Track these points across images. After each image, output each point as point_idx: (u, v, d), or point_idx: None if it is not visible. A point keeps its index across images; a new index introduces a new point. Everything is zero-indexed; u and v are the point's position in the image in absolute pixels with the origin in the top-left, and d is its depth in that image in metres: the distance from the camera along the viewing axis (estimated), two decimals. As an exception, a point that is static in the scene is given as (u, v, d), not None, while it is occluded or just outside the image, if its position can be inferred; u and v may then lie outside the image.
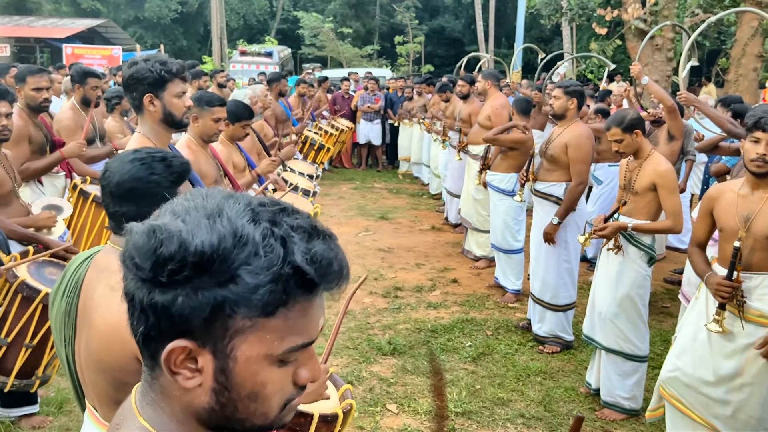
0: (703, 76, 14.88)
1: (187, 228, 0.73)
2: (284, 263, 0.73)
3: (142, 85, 2.47)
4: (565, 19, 16.09)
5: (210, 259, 0.72)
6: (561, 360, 4.57)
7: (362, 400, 3.90)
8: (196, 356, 0.75)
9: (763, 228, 2.74)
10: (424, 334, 4.89)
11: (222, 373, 0.76)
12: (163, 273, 0.72)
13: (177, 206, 0.77)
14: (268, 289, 0.73)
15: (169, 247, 0.72)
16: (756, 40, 9.95)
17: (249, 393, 0.77)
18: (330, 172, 11.70)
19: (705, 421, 3.00)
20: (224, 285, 0.72)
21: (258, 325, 0.74)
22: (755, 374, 2.82)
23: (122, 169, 1.59)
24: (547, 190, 4.70)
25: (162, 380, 0.79)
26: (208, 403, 0.77)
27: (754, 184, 2.83)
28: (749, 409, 2.88)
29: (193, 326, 0.73)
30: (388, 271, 6.37)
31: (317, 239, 0.76)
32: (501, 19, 27.96)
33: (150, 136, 2.54)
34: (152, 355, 0.78)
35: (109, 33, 24.14)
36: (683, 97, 4.73)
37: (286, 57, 21.54)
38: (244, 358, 0.75)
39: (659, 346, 4.71)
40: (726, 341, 2.88)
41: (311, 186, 5.27)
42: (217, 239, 0.72)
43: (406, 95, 11.29)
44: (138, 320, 0.76)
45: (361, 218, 8.55)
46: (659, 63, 10.63)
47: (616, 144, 3.70)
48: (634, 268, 3.68)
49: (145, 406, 0.81)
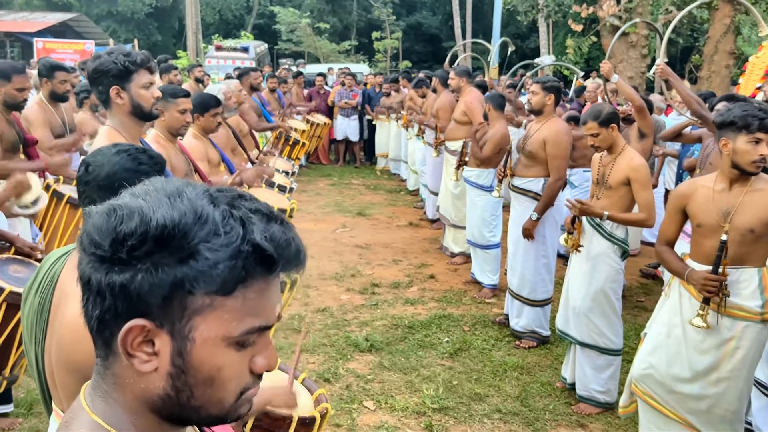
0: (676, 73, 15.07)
1: (148, 205, 0.73)
2: (243, 241, 0.74)
3: (108, 78, 2.43)
4: (541, 16, 16.18)
5: (171, 233, 0.72)
6: (537, 355, 4.59)
7: (339, 397, 3.88)
8: (153, 338, 0.74)
9: (745, 222, 2.77)
10: (402, 331, 4.88)
11: (179, 356, 0.75)
12: (123, 249, 0.72)
13: (136, 189, 0.78)
14: (227, 265, 0.73)
15: (129, 223, 0.72)
16: (728, 37, 10.09)
17: (205, 377, 0.76)
18: (307, 168, 11.64)
19: (679, 417, 3.02)
20: (184, 261, 0.72)
21: (217, 303, 0.74)
22: (732, 368, 2.85)
23: (110, 161, 1.61)
24: (525, 185, 4.72)
25: (115, 368, 0.77)
26: (163, 389, 0.76)
27: (733, 180, 2.84)
28: (726, 404, 2.90)
29: (152, 306, 0.73)
30: (365, 268, 6.35)
31: (275, 223, 0.77)
32: (478, 15, 28.04)
33: (120, 129, 2.49)
34: (106, 341, 0.76)
35: (82, 27, 23.74)
36: (660, 68, 4.73)
37: (263, 52, 21.36)
38: (202, 339, 0.75)
39: (634, 340, 4.75)
40: (702, 336, 2.90)
41: (287, 182, 5.23)
42: (178, 215, 0.73)
43: (384, 91, 11.26)
44: (93, 304, 0.75)
45: (338, 215, 8.51)
46: (634, 60, 10.73)
47: (592, 138, 3.72)
48: (607, 262, 3.71)
49: (96, 399, 0.79)
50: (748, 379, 2.92)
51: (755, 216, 2.75)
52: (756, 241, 2.79)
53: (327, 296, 5.59)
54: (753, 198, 2.77)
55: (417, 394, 3.96)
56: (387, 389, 4.01)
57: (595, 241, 3.76)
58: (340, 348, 4.54)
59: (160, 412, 0.79)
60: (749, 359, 2.85)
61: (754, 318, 2.81)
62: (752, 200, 2.77)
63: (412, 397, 3.93)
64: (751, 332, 2.82)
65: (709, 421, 2.96)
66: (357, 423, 3.64)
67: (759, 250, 2.80)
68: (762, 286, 2.81)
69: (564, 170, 4.61)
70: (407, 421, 3.68)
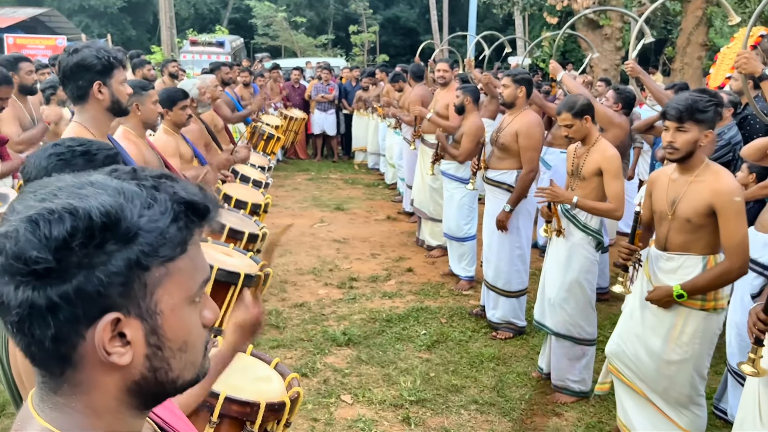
0: (650, 65, 15.25)
1: (70, 202, 0.70)
2: (173, 202, 0.75)
3: (90, 73, 2.38)
4: (517, 9, 16.26)
5: (113, 219, 0.70)
6: (514, 346, 4.63)
7: (316, 392, 3.88)
8: (122, 329, 0.73)
9: (684, 211, 2.86)
10: (379, 324, 4.89)
11: (153, 334, 0.75)
12: (72, 253, 0.68)
13: (37, 194, 0.73)
14: (173, 229, 0.74)
15: (64, 225, 0.68)
16: (700, 29, 10.22)
17: (180, 344, 0.78)
18: (284, 163, 11.58)
19: (645, 395, 3.13)
20: (132, 240, 0.71)
21: (171, 269, 0.75)
22: (681, 352, 2.95)
23: (39, 164, 1.53)
24: (499, 177, 4.74)
25: (75, 379, 0.74)
26: (140, 373, 0.76)
27: (680, 169, 2.94)
28: (679, 386, 3.02)
29: (113, 297, 0.71)
30: (343, 262, 6.34)
31: (177, 181, 0.79)
32: (455, 9, 28.09)
33: (89, 126, 2.45)
34: (63, 357, 0.73)
35: (53, 22, 23.31)
36: (630, 66, 4.78)
37: (239, 47, 21.18)
38: (170, 309, 0.76)
39: (608, 330, 4.80)
40: (657, 319, 3.01)
41: (263, 177, 5.19)
42: (108, 200, 0.71)
43: (362, 85, 11.23)
44: (41, 326, 0.70)
45: (316, 209, 8.49)
46: (608, 52, 10.83)
47: (566, 129, 3.75)
48: (582, 253, 3.75)
49: (47, 409, 0.76)
50: (698, 366, 2.98)
51: (691, 206, 2.83)
52: (696, 230, 2.86)
53: (305, 291, 5.57)
54: (695, 188, 2.85)
55: (394, 386, 3.97)
56: (364, 383, 4.02)
57: (570, 232, 3.79)
58: (318, 342, 4.53)
59: (137, 397, 0.78)
60: (696, 345, 2.92)
61: (694, 305, 2.89)
62: (694, 190, 2.85)
63: (390, 389, 3.94)
64: (694, 319, 2.90)
65: (669, 402, 3.07)
66: (335, 417, 3.64)
67: (702, 239, 2.87)
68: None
69: (536, 162, 4.64)
70: (385, 414, 3.69)
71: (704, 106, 2.76)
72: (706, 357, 3.00)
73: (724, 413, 3.66)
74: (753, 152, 3.82)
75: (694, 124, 2.78)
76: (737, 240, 2.76)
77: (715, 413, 3.72)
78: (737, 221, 2.75)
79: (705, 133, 2.79)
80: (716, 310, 2.89)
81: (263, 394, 2.03)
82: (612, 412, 3.75)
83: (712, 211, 2.79)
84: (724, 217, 2.76)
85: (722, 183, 2.77)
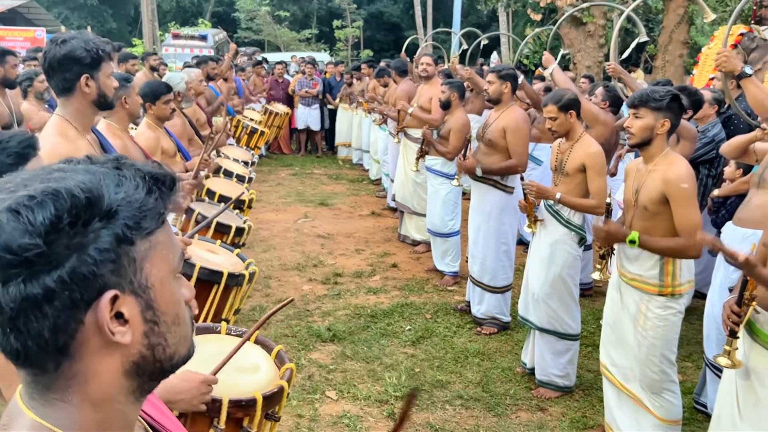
0: (631, 63, 15.35)
1: (48, 185, 0.69)
2: (143, 178, 0.75)
3: (79, 65, 2.33)
4: (501, 5, 16.29)
5: (96, 194, 0.70)
6: (498, 341, 4.65)
7: (301, 387, 3.86)
8: (120, 308, 0.73)
9: (642, 199, 2.98)
10: (364, 320, 4.88)
11: (149, 309, 0.75)
12: (62, 234, 0.68)
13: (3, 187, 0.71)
14: (150, 201, 0.75)
15: (47, 209, 0.67)
16: (682, 27, 10.30)
17: (173, 317, 0.79)
18: (268, 158, 11.51)
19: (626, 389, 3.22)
20: (114, 216, 0.71)
21: (154, 242, 0.76)
22: (646, 336, 3.06)
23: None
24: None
25: (72, 371, 0.73)
26: (139, 352, 0.76)
27: (644, 158, 3.06)
28: (650, 372, 3.11)
29: (105, 276, 0.71)
30: (327, 258, 6.32)
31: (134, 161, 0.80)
32: (439, 5, 28.04)
33: (72, 119, 2.40)
34: (62, 348, 0.71)
35: (32, 14, 22.94)
36: (611, 67, 4.81)
37: (222, 41, 21.00)
38: (159, 282, 0.76)
39: (592, 325, 4.86)
40: (627, 309, 3.15)
41: (246, 172, 5.16)
42: (85, 178, 0.71)
43: (345, 81, 11.19)
44: (38, 321, 0.68)
45: (300, 205, 8.45)
46: (591, 49, 10.89)
47: (551, 121, 3.76)
48: (565, 248, 3.77)
49: (38, 407, 0.74)
50: (665, 351, 3.08)
51: (648, 194, 2.95)
52: (653, 218, 2.96)
53: (289, 287, 5.55)
54: (652, 176, 2.96)
55: (379, 382, 3.97)
56: (349, 378, 4.01)
57: (552, 227, 3.81)
58: (302, 338, 4.52)
59: (134, 380, 0.78)
60: (660, 330, 3.03)
61: (652, 291, 3.01)
62: (651, 178, 2.96)
63: (375, 385, 3.93)
64: (654, 305, 3.02)
65: (644, 389, 3.15)
66: (319, 413, 3.63)
67: (657, 226, 2.96)
68: (663, 260, 2.98)
69: (526, 157, 4.66)
70: (370, 410, 3.68)
71: (660, 95, 2.90)
72: (672, 342, 3.09)
73: (705, 407, 3.71)
74: (732, 150, 3.89)
75: (649, 111, 2.92)
76: (688, 226, 2.86)
77: (696, 407, 3.77)
78: (686, 208, 2.86)
79: (661, 121, 2.91)
80: (674, 296, 3.00)
81: (235, 388, 1.91)
82: (596, 407, 3.78)
83: (666, 199, 2.90)
84: (674, 204, 2.88)
85: (672, 171, 2.88)
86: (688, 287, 3.06)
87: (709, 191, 4.49)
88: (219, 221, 3.72)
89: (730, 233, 3.55)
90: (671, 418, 3.14)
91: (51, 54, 2.33)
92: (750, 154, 3.79)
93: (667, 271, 2.99)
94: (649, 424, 3.16)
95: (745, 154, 3.83)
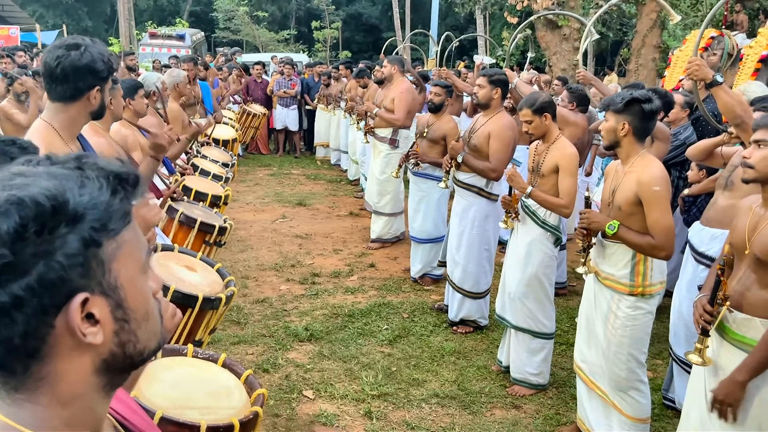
0: (606, 66, 15.57)
1: (11, 193, 0.69)
2: (104, 177, 0.75)
3: (94, 77, 2.29)
4: (478, 8, 16.41)
5: (61, 200, 0.70)
6: (474, 340, 4.70)
7: (278, 387, 3.87)
8: (90, 309, 0.73)
9: (617, 200, 3.04)
10: (341, 319, 4.90)
11: (119, 308, 0.76)
12: (26, 244, 0.68)
13: None
14: (115, 202, 0.75)
15: (12, 217, 0.67)
16: (655, 31, 10.50)
17: (143, 314, 0.79)
18: (245, 158, 11.47)
19: (597, 387, 3.27)
20: (80, 219, 0.71)
21: (120, 243, 0.76)
22: (615, 334, 3.11)
23: None
24: (469, 180, 4.66)
25: (42, 372, 0.73)
26: (109, 351, 0.76)
27: (621, 160, 3.12)
28: (617, 370, 3.15)
29: (74, 280, 0.71)
30: (305, 258, 6.33)
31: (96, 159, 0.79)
32: (417, 6, 28.18)
33: (60, 127, 2.34)
34: (32, 352, 0.72)
35: (6, 12, 22.56)
36: (581, 75, 4.89)
37: (199, 40, 20.85)
38: (128, 281, 0.77)
39: (566, 323, 4.93)
40: (598, 307, 3.21)
41: (222, 172, 5.16)
42: (48, 184, 0.71)
43: (323, 81, 11.20)
44: (6, 328, 0.69)
45: (277, 205, 8.44)
46: (566, 52, 11.04)
47: (526, 125, 3.80)
48: (540, 248, 3.82)
49: (5, 407, 0.75)
50: (634, 351, 3.12)
51: (623, 195, 3.01)
52: (626, 219, 3.02)
53: (266, 287, 5.55)
54: (628, 178, 3.02)
55: (356, 381, 3.99)
56: (326, 378, 4.03)
57: (529, 228, 3.86)
58: (280, 338, 4.52)
59: (104, 377, 0.78)
60: (629, 329, 3.08)
61: (623, 290, 3.06)
62: (626, 180, 3.02)
63: (352, 384, 3.96)
64: (624, 304, 3.07)
65: (612, 387, 3.20)
66: (296, 412, 3.64)
67: (633, 226, 3.01)
68: (635, 260, 3.03)
69: (505, 164, 4.56)
70: (346, 409, 3.71)
71: (619, 99, 3.00)
72: (642, 342, 3.13)
73: (673, 402, 3.79)
74: (698, 153, 3.98)
75: (612, 114, 3.02)
76: (659, 227, 2.90)
77: (665, 403, 3.85)
78: (658, 209, 2.90)
79: (621, 123, 2.98)
80: (644, 296, 3.04)
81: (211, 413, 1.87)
82: (569, 404, 3.84)
83: (639, 200, 2.95)
84: (646, 206, 2.93)
85: (645, 173, 2.93)
86: (660, 288, 3.10)
87: (680, 193, 4.59)
88: (203, 221, 3.73)
89: (698, 232, 3.64)
90: (639, 416, 3.20)
91: (69, 60, 2.24)
92: (716, 157, 3.87)
93: (638, 271, 3.03)
94: (618, 421, 3.22)
95: (711, 157, 3.91)
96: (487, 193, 4.65)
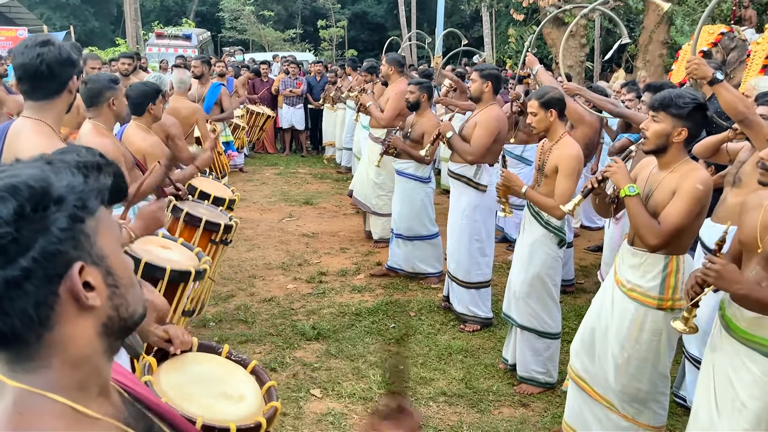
0: (613, 62, 15.51)
1: (5, 182, 0.79)
2: (74, 166, 0.85)
3: (73, 67, 2.34)
4: (484, 5, 16.37)
5: (47, 184, 0.80)
6: (481, 338, 4.69)
7: (286, 386, 3.88)
8: (86, 278, 0.83)
9: (652, 204, 2.84)
10: (349, 318, 4.90)
11: (109, 275, 0.86)
12: (26, 221, 0.77)
13: None
14: (88, 186, 0.84)
15: (10, 201, 0.77)
16: (662, 27, 10.43)
17: (127, 281, 0.90)
18: (252, 157, 11.49)
19: (603, 397, 3.12)
20: (63, 200, 0.81)
21: (98, 219, 0.86)
22: (639, 349, 2.92)
23: None
24: (460, 171, 4.80)
25: (51, 339, 0.82)
26: (107, 314, 0.86)
27: (659, 164, 2.89)
28: (638, 383, 2.98)
29: (69, 252, 0.81)
30: (312, 257, 6.34)
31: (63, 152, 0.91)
32: (422, 5, 28.12)
33: (53, 123, 2.35)
34: (43, 320, 0.80)
35: (13, 13, 22.71)
36: (564, 87, 4.81)
37: (206, 40, 20.91)
38: (111, 252, 0.87)
39: (573, 321, 4.90)
40: (617, 316, 2.99)
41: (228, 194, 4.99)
42: (33, 174, 0.80)
43: (329, 79, 11.20)
44: (21, 299, 0.78)
45: (284, 204, 8.45)
46: (573, 49, 10.99)
47: (531, 117, 3.76)
48: (543, 249, 3.79)
49: (19, 376, 0.83)
50: (659, 365, 2.96)
51: (659, 199, 2.80)
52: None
53: (273, 286, 5.56)
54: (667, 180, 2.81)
55: (364, 380, 3.99)
56: (334, 376, 4.03)
57: (533, 228, 3.84)
58: (287, 337, 4.53)
59: (106, 339, 0.88)
60: (655, 344, 2.90)
61: (650, 303, 2.86)
62: (665, 183, 2.81)
63: (359, 383, 3.96)
64: (652, 318, 2.87)
65: (624, 400, 3.03)
66: (304, 411, 3.65)
67: None
68: (666, 271, 2.83)
69: (482, 151, 4.60)
70: (354, 408, 3.71)
71: (683, 102, 2.71)
72: (667, 356, 2.96)
73: (684, 400, 3.77)
74: (703, 150, 3.92)
75: (668, 116, 2.74)
76: (671, 220, 2.70)
77: (675, 401, 3.83)
78: (684, 203, 2.69)
79: (678, 129, 2.73)
80: (673, 309, 2.84)
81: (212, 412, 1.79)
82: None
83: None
84: (678, 195, 2.71)
85: (692, 174, 2.73)
86: None
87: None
88: (208, 219, 3.73)
89: (709, 228, 3.61)
90: (656, 425, 3.06)
91: (51, 55, 2.25)
92: (722, 154, 3.84)
93: (668, 285, 2.83)
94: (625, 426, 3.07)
95: (717, 153, 3.87)
96: (475, 184, 4.76)
